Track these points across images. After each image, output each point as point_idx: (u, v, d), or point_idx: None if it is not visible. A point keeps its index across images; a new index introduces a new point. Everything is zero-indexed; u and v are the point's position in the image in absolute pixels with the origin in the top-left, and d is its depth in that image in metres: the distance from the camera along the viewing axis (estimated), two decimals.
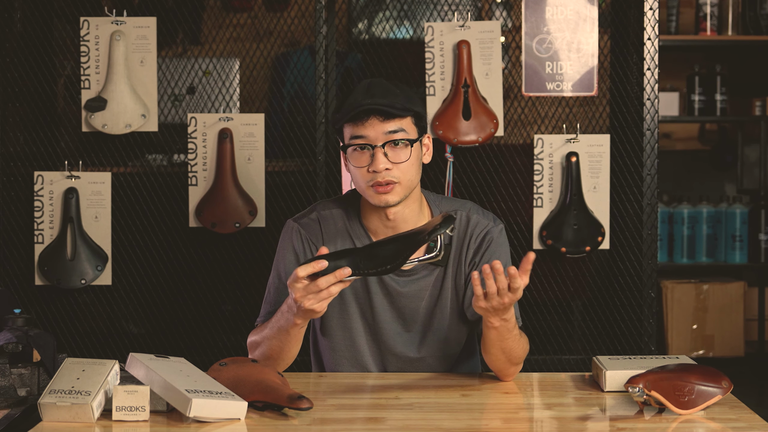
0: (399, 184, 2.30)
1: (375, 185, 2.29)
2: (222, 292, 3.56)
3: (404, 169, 2.30)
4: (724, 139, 5.68)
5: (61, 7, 3.53)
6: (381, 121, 2.28)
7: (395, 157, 2.29)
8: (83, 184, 3.42)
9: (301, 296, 2.11)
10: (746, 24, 5.26)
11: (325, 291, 2.10)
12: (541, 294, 3.48)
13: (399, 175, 2.30)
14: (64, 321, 3.51)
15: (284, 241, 2.44)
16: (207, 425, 1.96)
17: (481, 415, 2.08)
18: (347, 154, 2.32)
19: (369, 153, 2.29)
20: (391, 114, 2.28)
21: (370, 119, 2.28)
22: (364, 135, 2.29)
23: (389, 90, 2.31)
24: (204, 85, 3.60)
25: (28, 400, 2.19)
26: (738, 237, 5.31)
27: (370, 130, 2.28)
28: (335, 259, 2.10)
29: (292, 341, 2.27)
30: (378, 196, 2.30)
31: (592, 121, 3.49)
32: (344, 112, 2.30)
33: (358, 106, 2.28)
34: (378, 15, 3.83)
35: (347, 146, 2.32)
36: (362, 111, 2.28)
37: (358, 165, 2.30)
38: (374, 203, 2.32)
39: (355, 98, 2.30)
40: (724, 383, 2.09)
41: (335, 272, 2.08)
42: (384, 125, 2.28)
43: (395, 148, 2.29)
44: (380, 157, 2.28)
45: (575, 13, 3.38)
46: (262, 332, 2.34)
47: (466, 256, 2.41)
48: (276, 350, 2.29)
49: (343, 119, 2.31)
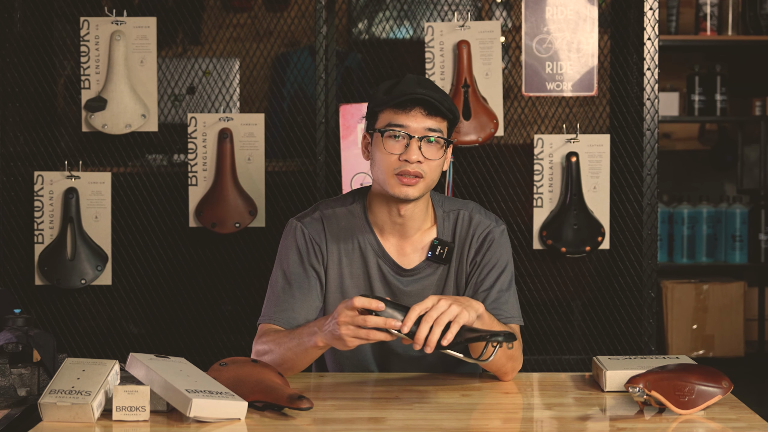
0: (423, 180, 2.32)
1: (402, 174, 2.30)
2: (222, 292, 3.56)
3: (433, 167, 2.32)
4: (724, 139, 5.68)
5: (61, 7, 3.53)
6: (425, 115, 2.30)
7: (428, 153, 2.31)
8: (83, 184, 3.42)
9: (344, 321, 2.08)
10: (746, 24, 5.26)
11: (366, 331, 2.07)
12: (541, 294, 3.49)
13: (427, 171, 2.31)
14: (64, 321, 3.51)
15: (287, 240, 2.43)
16: (207, 425, 1.96)
17: (481, 415, 2.08)
18: (382, 138, 2.32)
19: (404, 142, 2.30)
20: (437, 110, 2.31)
21: (415, 110, 2.30)
22: (405, 124, 2.30)
23: (438, 88, 2.35)
24: (204, 85, 3.60)
25: (28, 400, 2.19)
26: (738, 237, 5.31)
27: (413, 121, 2.30)
28: (393, 308, 2.08)
29: (305, 360, 2.26)
30: (401, 187, 2.31)
31: (592, 121, 3.49)
32: (393, 96, 2.31)
33: (410, 93, 2.29)
34: (378, 15, 3.83)
35: (383, 131, 2.32)
36: (411, 99, 2.29)
37: (391, 151, 2.31)
38: (393, 193, 2.32)
39: (406, 86, 2.31)
40: (724, 383, 2.09)
41: (387, 320, 2.05)
42: (426, 120, 2.31)
43: (430, 145, 2.31)
44: (415, 148, 2.29)
45: (575, 13, 3.38)
46: (273, 343, 2.29)
47: (468, 256, 2.42)
48: (287, 361, 2.26)
49: (390, 102, 2.31)
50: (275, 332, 2.32)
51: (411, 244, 2.41)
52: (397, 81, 2.35)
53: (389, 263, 2.40)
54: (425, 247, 2.42)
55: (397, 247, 2.41)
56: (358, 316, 2.07)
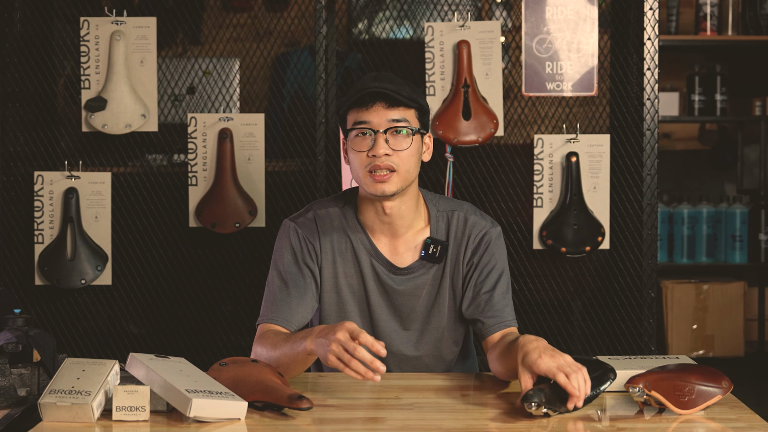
0: (396, 173, 2.30)
1: (373, 170, 2.30)
2: (222, 292, 3.56)
3: (404, 157, 2.31)
4: (724, 139, 5.68)
5: (61, 7, 3.53)
6: (385, 107, 2.30)
7: (396, 144, 2.30)
8: (83, 184, 3.42)
9: (339, 339, 2.05)
10: (746, 24, 5.26)
11: (349, 357, 2.04)
12: (541, 294, 3.48)
13: (398, 163, 2.30)
14: (64, 321, 3.51)
15: (282, 240, 2.44)
16: (207, 425, 1.96)
17: (481, 415, 2.08)
18: (348, 139, 2.33)
19: (370, 138, 2.30)
20: (396, 101, 2.30)
21: (375, 105, 2.30)
22: (367, 120, 2.30)
23: (396, 79, 2.34)
24: (204, 85, 3.60)
25: (28, 400, 2.19)
26: (738, 237, 5.31)
27: (374, 116, 2.30)
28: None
29: (298, 364, 2.23)
30: (375, 184, 2.31)
31: (592, 121, 3.49)
32: (350, 95, 2.32)
33: (364, 89, 2.29)
34: (378, 15, 3.83)
35: (349, 131, 2.32)
36: (368, 94, 2.29)
37: (359, 149, 2.31)
38: (370, 192, 2.32)
39: (362, 83, 2.32)
40: (724, 383, 2.09)
41: (374, 360, 2.03)
42: (388, 112, 2.30)
43: (397, 136, 2.31)
44: (381, 142, 2.29)
45: (575, 13, 3.38)
46: (270, 346, 2.28)
47: (465, 256, 2.42)
48: (282, 365, 2.23)
49: (349, 102, 2.32)
50: (274, 334, 2.31)
51: (404, 243, 2.41)
52: (357, 81, 2.36)
53: (383, 262, 2.40)
54: (418, 246, 2.41)
55: (389, 246, 2.41)
56: (351, 342, 2.04)
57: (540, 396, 2.01)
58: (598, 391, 2.08)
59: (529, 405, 2.00)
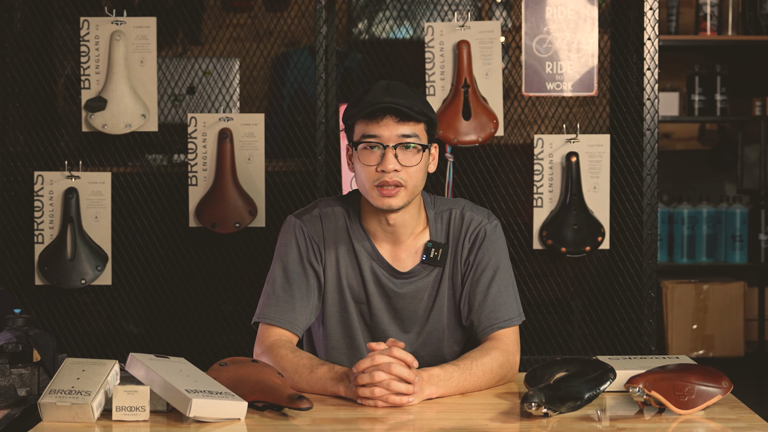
0: (404, 188, 2.29)
1: (381, 186, 2.28)
2: (222, 292, 3.56)
3: (412, 173, 2.29)
4: (724, 139, 5.68)
5: (61, 7, 3.53)
6: (396, 122, 2.27)
7: (405, 160, 2.28)
8: (83, 184, 3.42)
9: (380, 383, 2.10)
10: (746, 24, 5.26)
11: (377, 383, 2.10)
12: (541, 294, 3.49)
13: (406, 179, 2.29)
14: (64, 321, 3.51)
15: (286, 236, 2.42)
16: (207, 425, 1.96)
17: (481, 415, 2.08)
18: (357, 151, 2.31)
19: (379, 152, 2.28)
20: (408, 116, 2.27)
21: (386, 119, 2.27)
22: (377, 134, 2.27)
23: (408, 92, 2.30)
24: (204, 85, 3.60)
25: (28, 400, 2.19)
26: (738, 237, 5.31)
27: (385, 130, 2.27)
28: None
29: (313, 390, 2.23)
30: (382, 199, 2.29)
31: (592, 121, 3.49)
32: (361, 107, 2.28)
33: (377, 103, 2.26)
34: (378, 15, 3.84)
35: (358, 143, 2.30)
36: (379, 108, 2.26)
37: (367, 163, 2.28)
38: (376, 205, 2.31)
39: (374, 95, 2.28)
40: (724, 383, 2.09)
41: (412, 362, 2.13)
42: (399, 127, 2.27)
43: (406, 152, 2.28)
44: (391, 158, 2.26)
45: (575, 13, 3.38)
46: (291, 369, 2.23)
47: (462, 255, 2.40)
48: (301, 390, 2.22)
49: (359, 114, 2.28)
50: (291, 352, 2.26)
51: (405, 249, 2.40)
52: (367, 89, 2.32)
53: (384, 266, 2.39)
54: (419, 250, 2.40)
55: (391, 252, 2.40)
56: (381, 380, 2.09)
57: (540, 396, 2.01)
58: (597, 391, 2.08)
59: (529, 405, 2.00)
